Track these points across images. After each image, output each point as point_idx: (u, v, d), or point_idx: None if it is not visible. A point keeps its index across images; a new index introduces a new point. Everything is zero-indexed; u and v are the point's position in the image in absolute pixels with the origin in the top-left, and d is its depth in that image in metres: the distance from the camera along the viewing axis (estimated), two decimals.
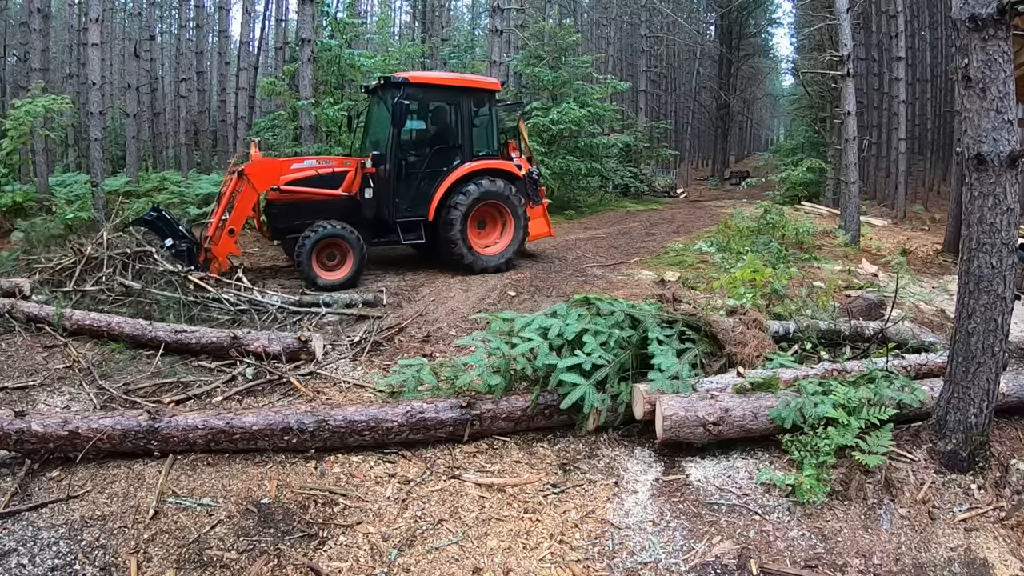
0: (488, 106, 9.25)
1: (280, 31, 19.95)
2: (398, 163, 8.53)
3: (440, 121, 9.21)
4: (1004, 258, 3.33)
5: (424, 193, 8.67)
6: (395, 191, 8.54)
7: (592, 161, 19.64)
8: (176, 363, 5.19)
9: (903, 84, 19.20)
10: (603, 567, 2.94)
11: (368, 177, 8.47)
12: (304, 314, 6.54)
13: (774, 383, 3.91)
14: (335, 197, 8.41)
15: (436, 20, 28.57)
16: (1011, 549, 3.07)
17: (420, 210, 8.67)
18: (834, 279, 7.88)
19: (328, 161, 8.83)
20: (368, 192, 8.47)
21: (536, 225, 9.74)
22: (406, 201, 8.67)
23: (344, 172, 8.57)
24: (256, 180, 7.89)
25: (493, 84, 9.46)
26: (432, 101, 9.14)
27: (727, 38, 36.71)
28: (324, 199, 8.35)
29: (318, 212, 8.15)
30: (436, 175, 8.73)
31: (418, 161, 8.77)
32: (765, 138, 67.35)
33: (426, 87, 8.88)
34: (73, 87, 19.76)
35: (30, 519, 3.07)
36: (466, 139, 8.90)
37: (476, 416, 3.88)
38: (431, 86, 8.97)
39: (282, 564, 2.86)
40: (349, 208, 8.43)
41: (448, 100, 9.03)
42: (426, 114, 9.23)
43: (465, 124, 8.90)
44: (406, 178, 8.65)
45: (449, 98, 9.00)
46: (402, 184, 8.62)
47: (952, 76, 4.37)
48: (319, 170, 8.47)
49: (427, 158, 8.80)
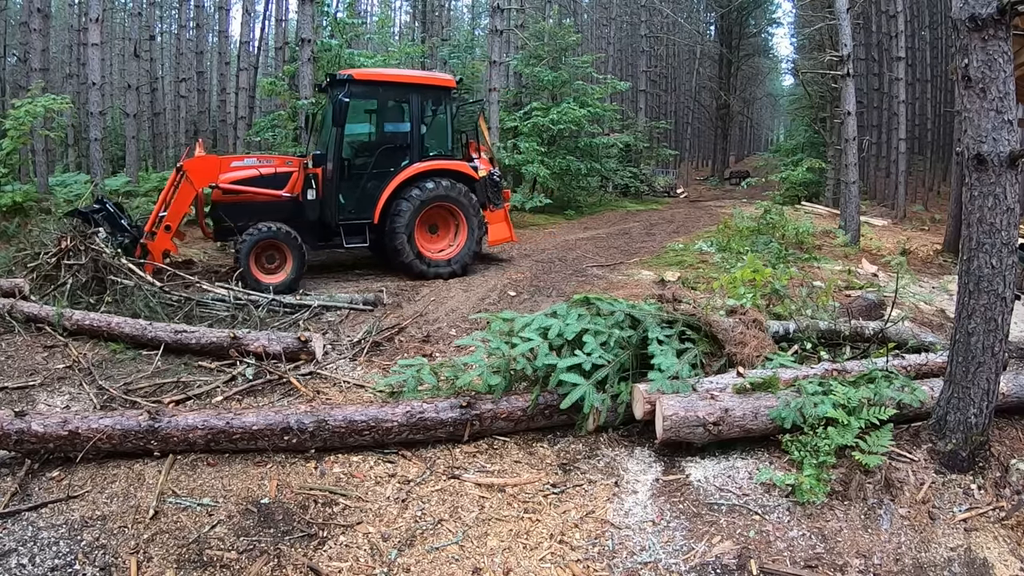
0: (443, 104, 8.93)
1: (280, 31, 19.95)
2: (341, 163, 8.26)
3: (389, 120, 8.89)
4: (1004, 258, 3.33)
5: (370, 195, 8.35)
6: (338, 192, 8.26)
7: (592, 161, 19.65)
8: (176, 363, 5.18)
9: (903, 84, 19.21)
10: (603, 567, 2.93)
11: (310, 178, 8.23)
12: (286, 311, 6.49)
13: (774, 383, 3.91)
14: (278, 198, 8.14)
15: (436, 20, 28.58)
16: (1011, 549, 3.07)
17: (365, 213, 8.35)
18: (834, 279, 7.88)
19: (270, 160, 8.60)
20: (311, 193, 8.20)
21: (497, 230, 9.38)
22: (350, 203, 8.36)
23: (288, 172, 8.31)
24: (194, 176, 7.71)
25: (448, 81, 9.10)
26: (380, 99, 8.81)
27: (727, 38, 36.71)
28: (267, 200, 8.09)
29: (261, 213, 7.92)
30: (384, 176, 8.39)
31: (364, 161, 8.49)
32: (765, 138, 67.36)
33: (374, 84, 8.62)
34: (73, 87, 19.77)
35: (30, 519, 3.07)
36: (416, 138, 8.56)
37: (476, 416, 3.88)
38: (379, 83, 8.70)
39: (282, 564, 2.86)
40: (293, 210, 8.18)
41: (398, 98, 8.72)
42: (373, 112, 8.93)
43: (416, 123, 8.56)
44: (350, 179, 8.35)
45: (399, 96, 8.69)
46: (345, 185, 8.33)
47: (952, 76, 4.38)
48: (261, 170, 8.22)
49: (374, 158, 8.50)
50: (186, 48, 23.07)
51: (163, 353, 5.26)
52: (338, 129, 8.13)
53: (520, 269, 9.26)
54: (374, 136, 8.87)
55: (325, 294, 7.36)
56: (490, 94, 16.28)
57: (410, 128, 8.58)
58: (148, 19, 21.18)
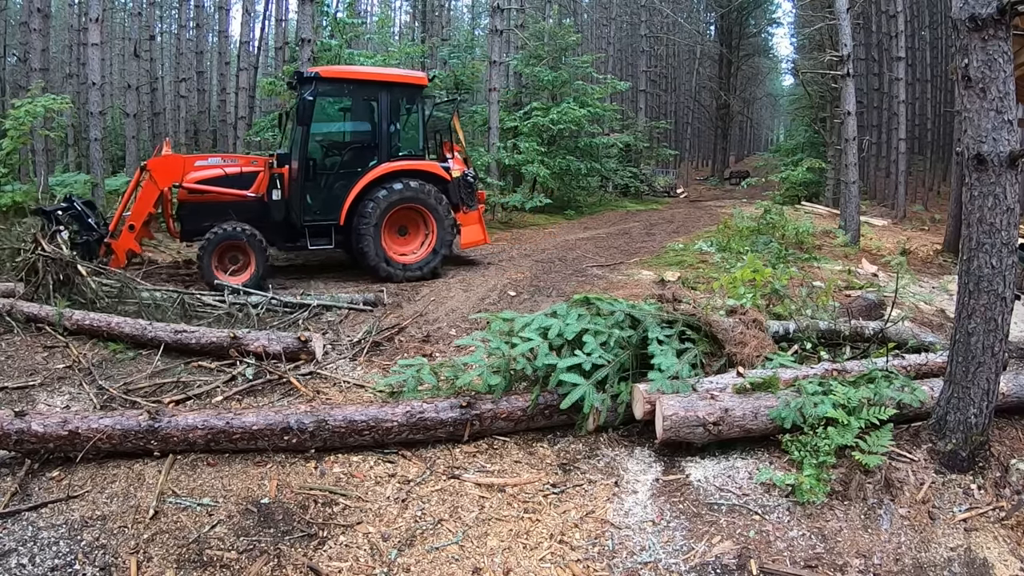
0: (414, 103, 8.74)
1: (280, 31, 19.97)
2: (306, 163, 8.09)
3: (357, 118, 8.74)
4: (1004, 258, 3.33)
5: (337, 196, 8.20)
6: (303, 193, 8.11)
7: (592, 161, 19.66)
8: (176, 363, 5.18)
9: (903, 84, 19.21)
10: (603, 567, 2.94)
11: (275, 178, 8.09)
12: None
13: (774, 383, 3.91)
14: (243, 198, 8.03)
15: (436, 20, 28.58)
16: (1011, 549, 3.07)
17: (331, 214, 8.18)
18: (834, 279, 7.88)
19: (234, 160, 8.49)
20: (276, 193, 8.05)
21: (470, 232, 9.14)
22: (316, 204, 8.22)
23: (254, 172, 8.20)
24: (158, 176, 7.64)
25: (419, 79, 8.85)
26: (348, 97, 8.66)
27: (727, 38, 36.72)
28: (232, 200, 7.98)
29: (227, 213, 7.83)
30: (351, 176, 8.22)
31: (330, 161, 8.36)
32: (765, 138, 67.38)
33: (341, 82, 8.45)
34: (73, 87, 19.76)
35: (30, 519, 3.06)
36: (385, 138, 8.36)
37: (476, 416, 3.88)
38: (346, 81, 8.50)
39: (282, 564, 2.86)
40: (258, 210, 8.05)
41: (366, 96, 8.52)
42: (341, 111, 8.77)
43: (385, 121, 8.34)
44: (316, 179, 8.19)
45: (367, 94, 8.48)
46: (311, 185, 8.17)
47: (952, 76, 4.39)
48: (226, 169, 8.11)
49: (341, 158, 8.37)
50: (186, 48, 23.08)
51: (163, 353, 5.26)
52: (304, 128, 7.95)
53: (520, 269, 9.26)
54: (341, 135, 8.68)
55: (325, 294, 7.36)
56: (490, 94, 16.30)
57: (379, 127, 8.37)
58: (148, 19, 21.19)
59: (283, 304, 6.75)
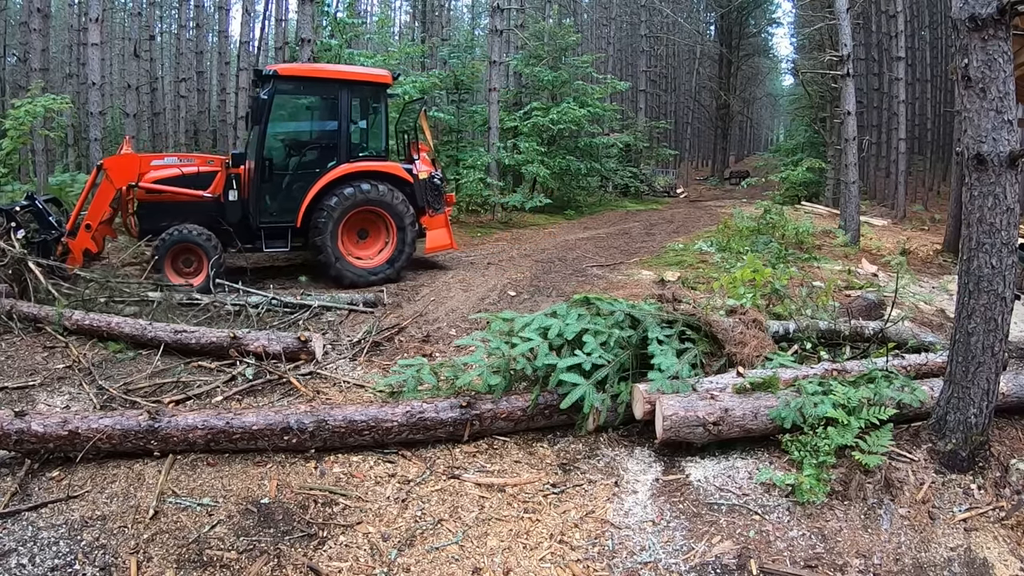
0: (379, 102, 8.52)
1: (280, 31, 19.98)
2: (262, 163, 7.86)
3: (316, 117, 8.54)
4: (1004, 258, 3.33)
5: (294, 197, 7.96)
6: (259, 193, 7.88)
7: (592, 161, 19.67)
8: (176, 363, 5.18)
9: (903, 84, 19.22)
10: (603, 567, 2.94)
11: (232, 178, 7.90)
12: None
13: (774, 383, 3.91)
14: (199, 199, 7.83)
15: (436, 20, 28.59)
16: (1011, 549, 3.07)
17: (288, 215, 7.95)
18: (834, 279, 7.88)
19: (190, 159, 8.33)
20: (232, 194, 7.85)
21: (436, 236, 8.83)
22: (272, 205, 7.99)
23: (212, 172, 8.01)
24: (114, 175, 7.55)
25: (383, 77, 8.51)
26: (307, 95, 8.45)
27: (727, 38, 36.71)
28: (189, 200, 7.80)
29: (184, 214, 7.69)
30: (309, 177, 7.98)
31: (288, 161, 8.16)
32: (765, 138, 67.37)
33: (300, 80, 8.24)
34: (73, 87, 19.78)
35: (30, 519, 3.06)
36: (345, 138, 8.11)
37: (476, 416, 3.88)
38: (306, 79, 8.30)
39: (282, 564, 2.86)
40: (215, 211, 7.85)
41: (326, 94, 8.25)
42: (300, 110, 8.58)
43: (345, 121, 8.11)
44: (272, 180, 7.96)
45: (327, 92, 8.21)
46: (267, 186, 7.94)
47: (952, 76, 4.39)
48: (183, 169, 7.93)
49: (300, 158, 8.16)
50: (186, 48, 23.08)
51: (163, 353, 5.26)
52: (260, 127, 7.74)
53: (520, 269, 9.26)
54: (300, 135, 8.47)
55: (325, 294, 7.36)
56: (490, 94, 16.30)
57: (339, 127, 8.11)
58: (148, 19, 21.20)
59: (283, 304, 6.75)
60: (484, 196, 15.07)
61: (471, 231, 13.69)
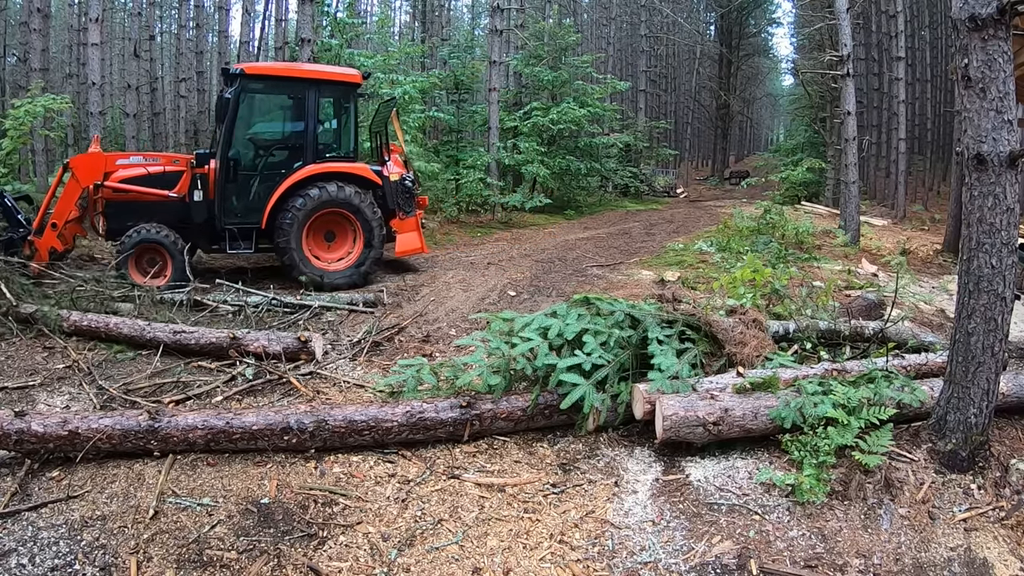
0: (348, 102, 8.39)
1: (280, 31, 19.98)
2: (227, 164, 7.72)
3: (283, 118, 8.44)
4: (1004, 258, 3.33)
5: (259, 198, 7.81)
6: (223, 194, 7.76)
7: (592, 161, 19.67)
8: (175, 363, 5.18)
9: (903, 84, 19.22)
10: (603, 567, 2.94)
11: (197, 178, 7.76)
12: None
13: (774, 383, 3.91)
14: (165, 199, 7.71)
15: (436, 20, 28.61)
16: (1011, 549, 3.07)
17: (253, 216, 7.80)
18: (834, 279, 7.88)
19: (156, 159, 8.22)
20: (198, 194, 7.71)
21: (406, 240, 8.59)
22: (237, 206, 7.86)
23: (179, 172, 7.86)
24: (80, 173, 7.50)
25: (352, 77, 8.32)
26: (274, 94, 8.32)
27: (727, 38, 36.73)
28: (155, 200, 7.69)
29: (150, 214, 7.60)
30: (275, 178, 7.83)
31: (253, 162, 8.01)
32: (765, 138, 67.38)
33: (267, 79, 8.10)
34: (73, 87, 19.77)
35: (30, 519, 3.06)
36: (312, 138, 7.94)
37: (476, 416, 3.88)
38: (273, 78, 8.16)
39: (282, 564, 2.86)
40: (180, 211, 7.74)
41: (293, 94, 8.14)
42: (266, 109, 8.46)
43: (312, 121, 7.94)
44: (237, 180, 7.82)
45: (295, 92, 8.09)
46: (232, 187, 7.80)
47: (952, 76, 4.39)
48: (149, 168, 7.80)
49: (266, 159, 8.02)
50: (186, 48, 23.08)
51: (162, 354, 5.26)
52: (226, 127, 7.63)
53: (520, 269, 9.26)
54: (267, 135, 8.34)
55: (325, 294, 7.36)
56: (490, 94, 16.30)
57: (305, 127, 7.95)
58: (148, 19, 21.20)
59: (283, 304, 6.75)
60: (484, 196, 15.07)
61: (471, 231, 13.70)
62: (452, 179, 15.44)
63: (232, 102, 7.61)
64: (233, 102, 7.62)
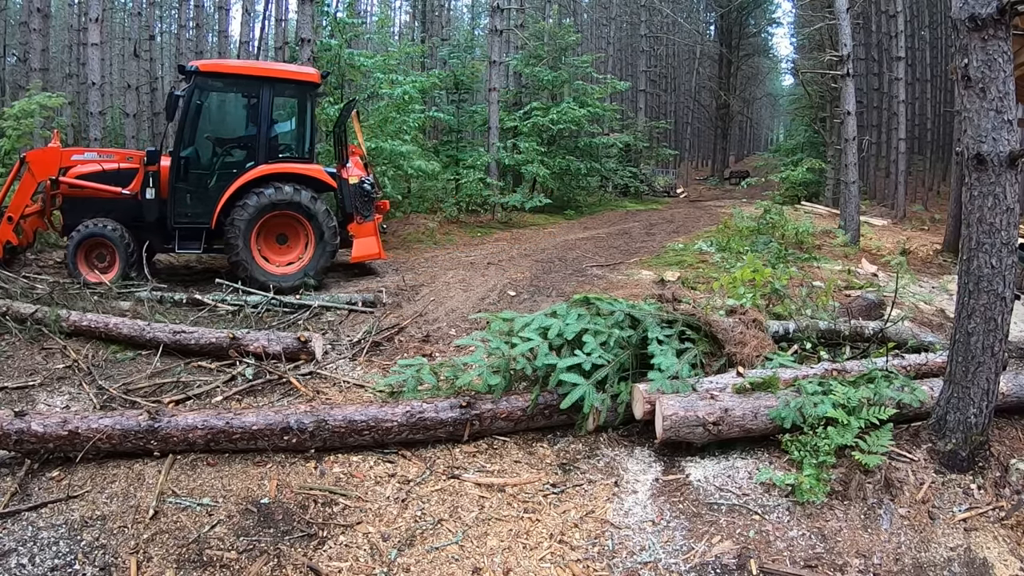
0: (305, 101, 8.23)
1: (280, 31, 19.97)
2: (178, 162, 7.65)
3: (235, 116, 8.35)
4: (1004, 258, 3.33)
5: (210, 198, 7.71)
6: (174, 193, 7.67)
7: (592, 161, 19.67)
8: (175, 363, 5.18)
9: (903, 84, 19.22)
10: (603, 567, 2.93)
11: (149, 176, 7.66)
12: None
13: (774, 383, 3.91)
14: (117, 195, 7.65)
15: (436, 20, 28.60)
16: (1011, 549, 3.07)
17: (203, 216, 7.72)
18: (834, 279, 7.88)
19: (110, 155, 8.13)
20: (149, 192, 7.63)
21: (363, 244, 8.39)
22: (188, 205, 7.75)
23: (133, 169, 7.80)
24: (36, 167, 7.50)
25: (309, 76, 8.18)
26: (227, 93, 8.22)
27: (727, 38, 36.72)
28: (107, 197, 7.65)
29: (103, 210, 7.58)
30: (226, 178, 7.75)
31: (204, 161, 7.95)
32: (765, 138, 67.36)
33: (221, 77, 8.00)
34: (73, 87, 19.77)
35: (30, 519, 3.06)
36: (264, 138, 7.79)
37: (476, 416, 3.88)
38: (227, 76, 8.05)
39: (282, 564, 2.86)
40: (132, 208, 7.68)
41: (247, 92, 8.04)
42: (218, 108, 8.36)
43: (265, 120, 7.81)
44: (187, 179, 7.73)
45: (249, 90, 7.97)
46: (182, 186, 7.70)
47: (952, 76, 4.40)
48: (103, 165, 7.80)
49: (217, 158, 7.94)
50: (186, 48, 23.06)
51: (162, 354, 5.26)
52: (178, 125, 7.57)
53: (520, 269, 9.26)
54: (219, 134, 8.24)
55: (325, 294, 7.36)
56: (490, 94, 16.31)
57: (259, 126, 7.83)
58: (148, 19, 21.19)
59: (283, 304, 6.75)
60: (484, 196, 15.07)
61: (471, 231, 13.70)
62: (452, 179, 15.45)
63: (185, 99, 7.54)
64: (186, 100, 7.55)
